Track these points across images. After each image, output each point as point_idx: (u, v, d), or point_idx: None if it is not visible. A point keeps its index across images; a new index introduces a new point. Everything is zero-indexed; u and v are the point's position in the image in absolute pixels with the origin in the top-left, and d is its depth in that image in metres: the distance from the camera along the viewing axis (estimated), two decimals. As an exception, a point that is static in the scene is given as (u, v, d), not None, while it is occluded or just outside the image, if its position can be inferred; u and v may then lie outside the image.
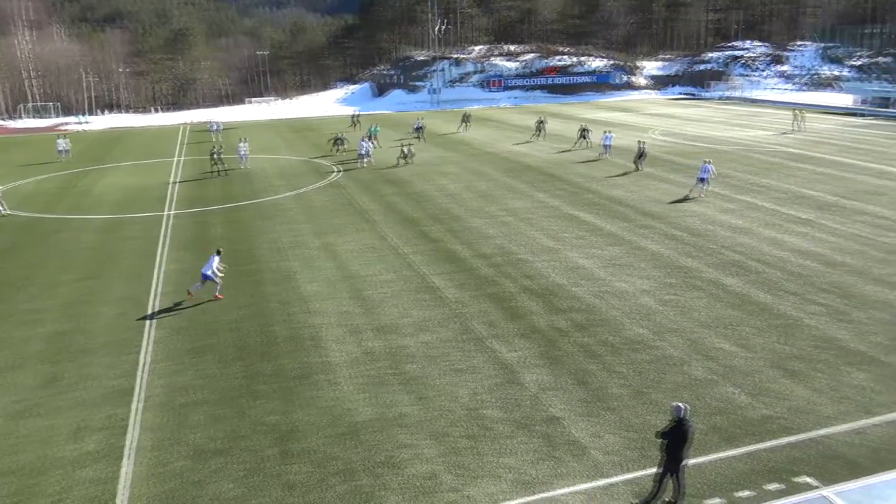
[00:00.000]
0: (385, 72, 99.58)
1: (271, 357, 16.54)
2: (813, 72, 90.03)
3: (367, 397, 14.52)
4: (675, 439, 10.64)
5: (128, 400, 14.74)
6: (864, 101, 64.30)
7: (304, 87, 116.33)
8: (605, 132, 44.10)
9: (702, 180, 31.27)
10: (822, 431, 12.76)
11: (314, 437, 13.13)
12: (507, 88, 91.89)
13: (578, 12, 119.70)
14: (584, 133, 47.03)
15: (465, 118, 60.44)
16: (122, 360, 16.69)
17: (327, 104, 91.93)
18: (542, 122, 52.50)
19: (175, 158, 49.71)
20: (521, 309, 19.00)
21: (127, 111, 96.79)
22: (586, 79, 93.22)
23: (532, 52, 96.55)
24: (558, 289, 20.38)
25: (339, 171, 41.01)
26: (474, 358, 16.16)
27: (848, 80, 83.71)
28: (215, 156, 41.17)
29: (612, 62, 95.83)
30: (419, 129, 54.22)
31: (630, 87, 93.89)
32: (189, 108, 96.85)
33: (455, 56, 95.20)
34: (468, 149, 48.05)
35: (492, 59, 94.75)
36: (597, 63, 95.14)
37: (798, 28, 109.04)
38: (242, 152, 43.68)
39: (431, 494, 11.42)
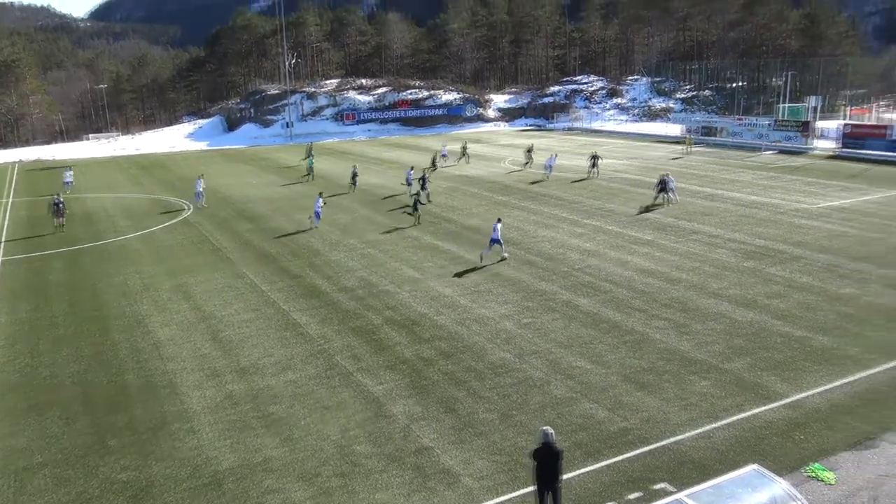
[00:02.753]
0: (236, 105, 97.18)
1: (123, 409, 15.46)
2: (646, 104, 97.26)
3: (231, 443, 13.89)
4: (540, 461, 10.97)
5: (-45, 469, 13.24)
6: (691, 131, 70.09)
7: (150, 122, 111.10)
8: (551, 154, 47.89)
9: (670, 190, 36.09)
10: (674, 438, 13.61)
11: (174, 492, 12.36)
12: (361, 122, 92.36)
13: (429, 47, 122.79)
14: (529, 153, 51.96)
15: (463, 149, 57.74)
16: (-54, 425, 15.00)
17: (175, 139, 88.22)
18: (464, 147, 57.30)
19: (4, 200, 45.76)
20: (387, 340, 18.97)
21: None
22: (439, 111, 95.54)
23: (385, 85, 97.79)
24: (422, 318, 20.55)
25: (189, 209, 39.37)
26: (342, 393, 15.92)
27: (677, 112, 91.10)
28: (58, 206, 34.52)
29: (463, 95, 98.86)
30: (444, 156, 54.66)
31: (481, 119, 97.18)
32: (19, 146, 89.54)
33: (308, 90, 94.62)
34: (324, 182, 47.70)
35: (345, 92, 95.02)
36: (449, 96, 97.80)
37: (630, 64, 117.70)
38: (199, 189, 39.58)
39: (303, 539, 11.05)
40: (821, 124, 64.48)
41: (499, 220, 27.19)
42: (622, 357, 17.43)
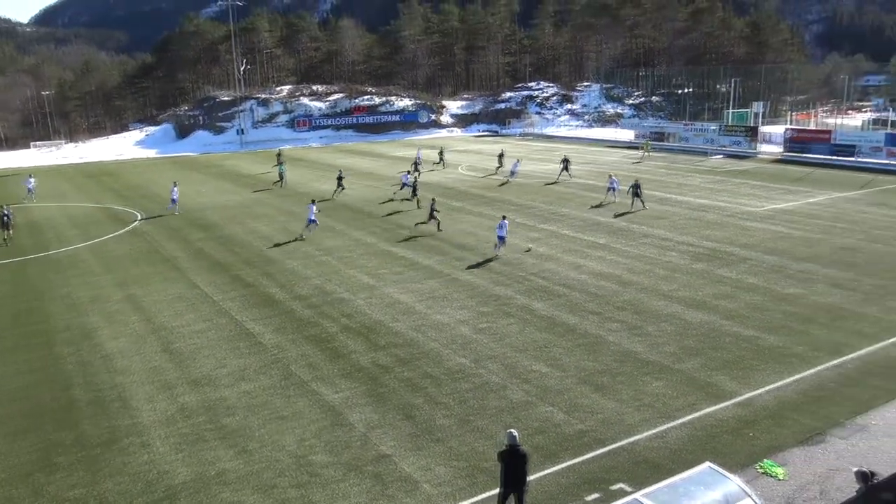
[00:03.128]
0: (187, 112, 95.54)
1: (71, 424, 15.01)
2: (598, 110, 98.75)
3: (185, 457, 13.60)
4: (506, 463, 11.01)
5: None
6: (647, 136, 71.32)
7: (97, 130, 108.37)
8: (515, 160, 48.97)
9: (611, 189, 38.55)
10: (630, 439, 13.79)
11: (125, 508, 12.04)
12: (315, 128, 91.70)
13: (382, 54, 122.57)
14: (500, 159, 52.05)
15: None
16: None
17: (123, 147, 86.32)
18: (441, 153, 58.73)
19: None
20: (343, 348, 18.82)
21: None
22: (394, 118, 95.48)
23: (339, 92, 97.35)
24: (378, 325, 20.45)
25: (141, 218, 38.53)
26: (298, 403, 15.73)
27: (628, 117, 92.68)
28: (7, 217, 33.34)
29: (417, 102, 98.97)
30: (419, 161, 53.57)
31: (436, 125, 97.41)
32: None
33: (261, 96, 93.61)
34: (280, 190, 47.24)
35: (299, 99, 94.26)
36: (403, 103, 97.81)
37: (582, 71, 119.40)
38: (175, 195, 39.51)
39: (260, 552, 10.87)
40: (766, 129, 66.35)
41: (504, 218, 28.21)
42: (578, 360, 17.61)
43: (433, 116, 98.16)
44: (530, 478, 12.39)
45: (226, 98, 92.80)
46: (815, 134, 59.91)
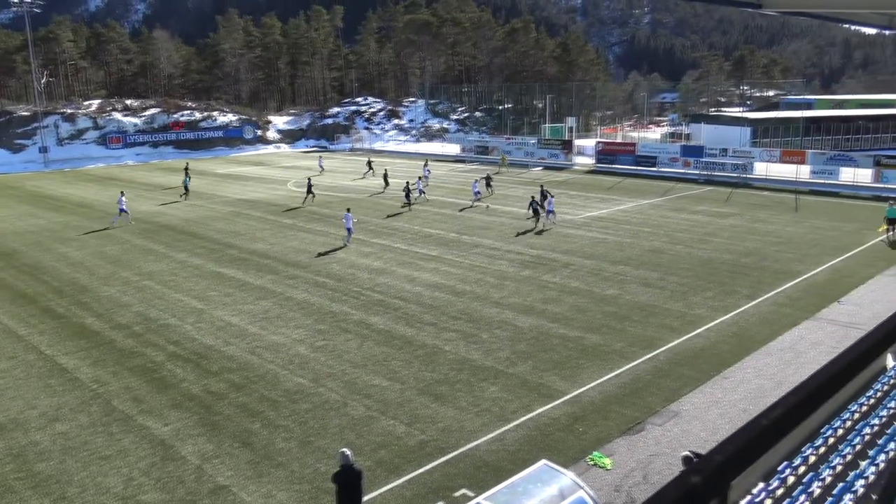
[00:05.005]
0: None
1: None
2: (424, 125, 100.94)
3: (-11, 512, 12.19)
4: (341, 484, 10.90)
5: None
6: (467, 150, 73.85)
7: None
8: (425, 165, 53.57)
9: (476, 193, 43.01)
10: (470, 445, 14.15)
11: (-83, 578, 10.58)
12: (130, 145, 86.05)
13: (202, 67, 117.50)
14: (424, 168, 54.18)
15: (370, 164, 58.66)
16: None
17: None
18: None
19: None
20: (171, 377, 17.77)
21: None
22: (217, 133, 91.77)
23: (155, 106, 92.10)
24: (209, 351, 19.53)
25: (-77, 248, 34.12)
26: (123, 440, 14.62)
27: (453, 132, 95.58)
28: None
29: (241, 117, 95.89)
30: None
31: (262, 141, 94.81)
32: None
33: (66, 111, 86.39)
34: (89, 211, 43.80)
35: (110, 114, 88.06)
36: (226, 118, 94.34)
37: (407, 86, 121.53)
38: (123, 206, 38.84)
39: None
40: (579, 142, 70.99)
41: (552, 196, 36.62)
42: (416, 371, 17.83)
43: (259, 132, 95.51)
44: (375, 493, 12.37)
45: (24, 113, 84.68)
46: (622, 146, 65.03)
